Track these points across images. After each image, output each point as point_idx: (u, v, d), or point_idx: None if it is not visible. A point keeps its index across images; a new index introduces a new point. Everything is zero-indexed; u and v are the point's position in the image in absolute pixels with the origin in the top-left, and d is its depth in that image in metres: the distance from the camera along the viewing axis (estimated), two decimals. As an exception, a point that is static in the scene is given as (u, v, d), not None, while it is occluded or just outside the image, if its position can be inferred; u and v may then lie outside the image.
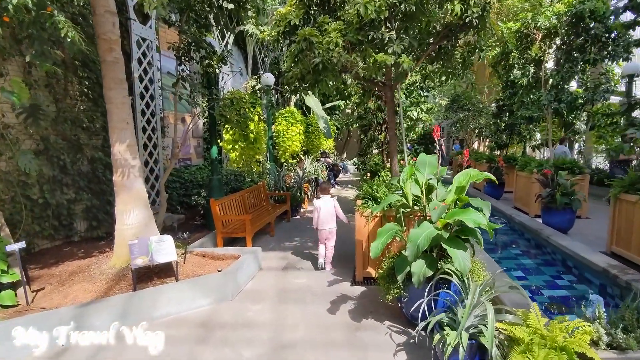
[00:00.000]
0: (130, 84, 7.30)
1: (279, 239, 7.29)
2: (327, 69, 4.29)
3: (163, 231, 7.23)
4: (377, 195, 4.89)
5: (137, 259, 4.09)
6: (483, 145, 21.68)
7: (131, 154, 4.56)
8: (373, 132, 8.72)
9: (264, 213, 7.70)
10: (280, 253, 6.41)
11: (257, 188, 8.45)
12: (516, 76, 11.23)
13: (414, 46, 4.51)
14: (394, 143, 5.42)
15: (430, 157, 4.08)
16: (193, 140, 10.17)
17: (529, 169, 8.61)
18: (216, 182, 7.40)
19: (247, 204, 7.63)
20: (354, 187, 14.50)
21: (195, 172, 9.77)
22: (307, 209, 10.19)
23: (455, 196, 3.55)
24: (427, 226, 3.21)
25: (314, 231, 8.09)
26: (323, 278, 5.20)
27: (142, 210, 4.68)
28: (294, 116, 11.09)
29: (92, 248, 5.94)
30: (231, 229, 6.46)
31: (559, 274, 5.63)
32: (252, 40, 12.34)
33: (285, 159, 11.29)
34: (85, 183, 6.45)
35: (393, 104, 5.36)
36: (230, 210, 6.86)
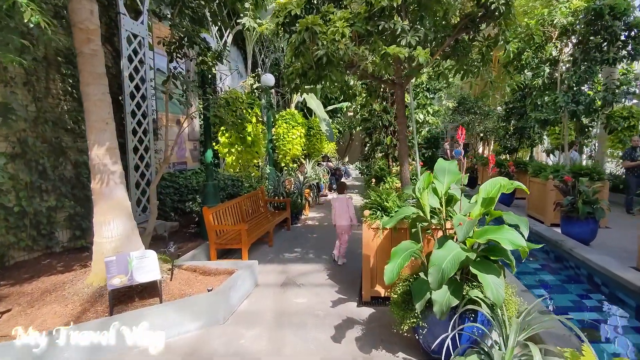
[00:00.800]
0: (120, 83, 6.85)
1: (278, 250, 6.77)
2: (332, 62, 3.79)
3: (153, 240, 6.73)
4: (387, 205, 4.37)
5: (114, 278, 3.57)
6: (488, 150, 21.18)
7: (111, 158, 4.06)
8: (378, 135, 8.22)
9: (262, 221, 7.19)
10: (279, 266, 5.89)
11: (255, 194, 7.94)
12: (527, 77, 10.75)
13: (429, 38, 4.01)
14: (404, 147, 4.91)
15: (449, 163, 3.57)
16: (189, 143, 9.67)
17: (544, 175, 8.09)
18: (211, 188, 6.89)
19: (244, 212, 7.12)
20: (357, 192, 13.99)
21: (190, 177, 9.27)
22: (307, 215, 9.68)
23: (482, 209, 3.04)
24: (452, 247, 2.69)
25: (315, 241, 7.60)
26: (326, 296, 4.67)
27: (123, 221, 4.17)
28: (295, 118, 10.61)
29: (74, 260, 5.43)
30: (226, 239, 5.94)
31: (586, 292, 5.10)
32: (252, 39, 11.88)
33: (286, 163, 10.79)
34: (68, 189, 5.94)
35: (403, 104, 4.86)
36: (225, 219, 6.35)
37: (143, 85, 7.22)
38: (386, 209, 4.38)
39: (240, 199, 7.14)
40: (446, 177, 3.42)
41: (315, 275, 5.48)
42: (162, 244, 6.62)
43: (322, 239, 7.46)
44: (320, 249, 6.79)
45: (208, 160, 6.96)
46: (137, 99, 7.03)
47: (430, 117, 10.34)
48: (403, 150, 4.92)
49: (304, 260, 6.19)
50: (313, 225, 8.68)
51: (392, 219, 3.42)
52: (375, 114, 8.24)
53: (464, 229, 2.75)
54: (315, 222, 9.06)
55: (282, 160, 10.69)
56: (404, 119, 4.90)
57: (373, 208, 4.47)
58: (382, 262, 4.44)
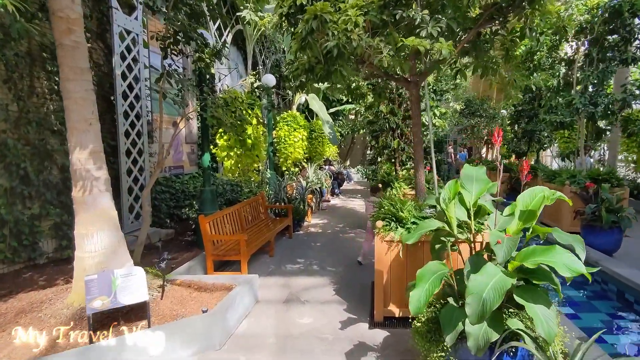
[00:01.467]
0: (112, 82, 6.43)
1: (279, 261, 6.33)
2: (343, 56, 3.37)
3: (146, 250, 6.28)
4: (403, 215, 3.94)
5: (95, 300, 3.13)
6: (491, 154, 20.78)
7: (95, 163, 3.63)
8: (385, 139, 7.81)
9: (263, 230, 6.74)
10: (281, 279, 5.44)
11: (256, 200, 7.50)
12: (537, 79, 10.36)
13: (452, 29, 3.59)
14: (420, 151, 4.49)
15: (477, 170, 3.15)
16: (186, 146, 9.24)
17: (559, 181, 7.67)
18: (208, 194, 6.46)
19: (243, 220, 6.68)
20: (360, 196, 13.56)
21: (187, 182, 8.83)
22: (310, 222, 9.23)
23: (520, 224, 2.61)
24: (492, 271, 2.25)
25: (319, 250, 7.14)
26: (333, 316, 4.23)
27: (109, 233, 3.73)
28: (297, 121, 10.19)
29: (58, 273, 4.98)
30: (224, 250, 5.50)
31: (617, 310, 4.66)
32: (252, 39, 11.48)
33: (287, 167, 10.36)
34: (53, 195, 5.51)
35: (418, 104, 4.44)
36: (223, 228, 5.91)
37: (137, 85, 6.80)
38: (401, 220, 3.95)
39: (239, 205, 6.70)
40: (475, 186, 2.99)
41: (320, 290, 5.03)
42: (156, 254, 6.18)
43: (326, 248, 7.02)
44: (324, 259, 6.35)
45: (205, 164, 6.53)
46: (130, 99, 6.61)
47: (437, 119, 9.93)
48: (418, 154, 4.49)
49: (307, 272, 5.75)
50: (316, 233, 8.24)
51: (413, 234, 2.98)
52: (382, 116, 7.83)
53: (504, 248, 2.32)
54: (318, 229, 8.62)
55: (283, 164, 10.26)
56: (419, 120, 4.48)
57: (387, 219, 4.03)
58: (397, 279, 4.01)
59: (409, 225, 3.94)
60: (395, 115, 7.79)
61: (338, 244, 7.29)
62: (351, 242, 7.40)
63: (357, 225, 8.86)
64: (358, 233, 8.15)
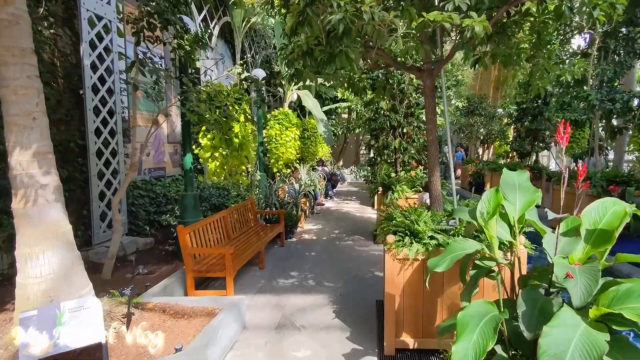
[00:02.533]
0: (80, 73, 5.69)
1: (270, 274, 5.65)
2: (350, 34, 2.71)
3: (119, 262, 5.59)
4: (419, 229, 3.30)
5: (32, 345, 2.42)
6: (488, 154, 20.34)
7: (40, 167, 2.91)
8: (385, 138, 7.18)
9: (252, 239, 6.06)
10: (272, 298, 4.77)
11: (244, 205, 6.81)
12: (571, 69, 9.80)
13: (484, 4, 2.95)
14: (435, 151, 3.85)
15: (519, 175, 2.52)
16: (169, 146, 8.50)
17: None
18: (190, 199, 5.75)
19: (229, 228, 5.98)
20: (355, 199, 12.93)
21: (170, 185, 8.10)
22: (303, 228, 8.56)
23: (589, 249, 1.98)
24: (571, 321, 1.61)
25: (315, 262, 6.48)
26: (335, 346, 3.57)
27: (59, 252, 3.02)
28: (289, 118, 9.51)
29: (9, 296, 4.24)
30: (206, 266, 4.80)
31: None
32: (241, 31, 10.76)
33: (278, 168, 9.68)
34: (7, 203, 4.75)
35: (433, 97, 3.81)
36: (206, 238, 5.21)
37: (110, 77, 6.06)
38: (417, 234, 3.31)
39: (225, 212, 6.00)
40: (519, 196, 2.37)
41: (318, 311, 4.37)
42: (131, 268, 5.47)
43: (323, 259, 6.36)
44: (321, 272, 5.68)
45: (187, 166, 5.83)
46: (102, 92, 5.87)
47: (437, 117, 9.32)
48: (433, 155, 3.86)
49: (302, 288, 5.08)
50: (310, 241, 7.57)
51: (443, 259, 2.33)
52: (383, 113, 7.20)
53: (581, 287, 1.68)
54: (312, 236, 7.95)
55: (274, 166, 9.58)
56: (433, 115, 3.85)
57: (399, 232, 3.39)
58: (412, 304, 3.37)
59: (426, 240, 3.30)
60: (397, 113, 7.16)
61: (336, 254, 6.63)
62: (350, 251, 6.75)
63: (354, 231, 8.22)
64: (356, 240, 7.50)
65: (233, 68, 5.77)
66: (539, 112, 10.50)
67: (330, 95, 16.55)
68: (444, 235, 3.32)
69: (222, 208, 7.39)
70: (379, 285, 5.03)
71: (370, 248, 6.93)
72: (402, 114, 7.26)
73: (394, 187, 6.94)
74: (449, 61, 3.80)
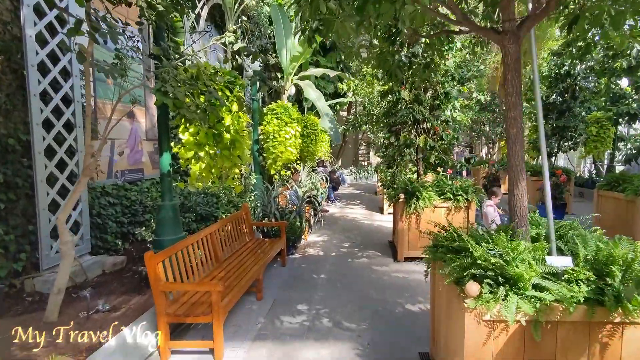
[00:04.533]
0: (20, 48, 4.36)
1: (271, 309, 4.39)
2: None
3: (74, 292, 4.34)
4: (519, 273, 2.07)
5: None
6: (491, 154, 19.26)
7: None
8: (408, 134, 5.94)
9: (247, 262, 4.79)
10: (275, 348, 3.51)
11: (237, 216, 5.54)
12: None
13: None
14: (520, 150, 2.63)
15: None
16: (147, 143, 7.17)
17: (631, 189, 5.94)
18: (168, 211, 4.48)
19: (218, 248, 4.71)
20: (360, 202, 11.71)
21: (148, 189, 6.80)
22: (307, 240, 7.30)
23: None
24: None
25: (326, 287, 5.18)
26: None
27: None
28: (289, 113, 8.23)
29: None
30: (186, 306, 3.51)
31: None
32: (233, 15, 9.45)
33: (276, 170, 8.40)
34: None
35: (519, 70, 2.59)
36: (187, 264, 3.93)
37: (64, 55, 4.74)
38: (515, 282, 2.08)
39: (214, 227, 4.73)
40: None
41: (342, 374, 3.12)
42: (82, 310, 4.17)
43: (335, 284, 5.11)
44: (336, 305, 4.44)
45: (165, 168, 4.56)
46: (53, 73, 4.55)
47: (457, 113, 8.12)
48: (518, 155, 2.63)
49: (315, 333, 3.82)
50: (317, 257, 6.31)
51: None
52: (404, 105, 5.97)
53: None
54: (318, 250, 6.70)
55: (271, 167, 8.30)
56: (519, 98, 2.62)
57: (487, 278, 2.16)
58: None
59: (529, 291, 2.08)
60: (421, 104, 5.94)
61: (350, 277, 5.39)
62: (368, 273, 5.52)
63: (367, 244, 6.98)
64: (372, 257, 6.27)
65: (224, 36, 4.46)
66: (567, 108, 9.37)
67: (330, 90, 15.31)
68: (558, 284, 2.10)
69: (210, 219, 6.11)
70: (417, 327, 3.82)
71: (392, 268, 5.69)
72: (428, 105, 6.04)
73: (420, 194, 5.72)
74: (543, 18, 2.57)
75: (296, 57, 9.07)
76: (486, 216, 5.18)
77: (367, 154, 22.05)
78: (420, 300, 4.51)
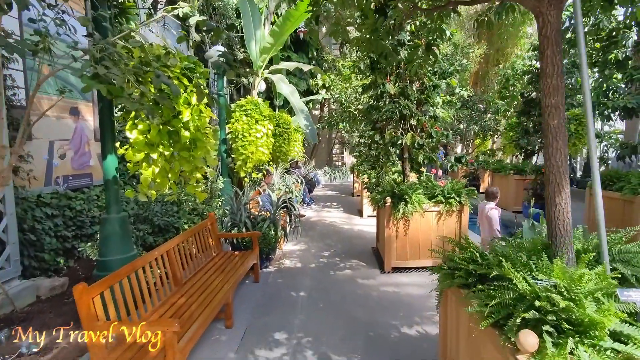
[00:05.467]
0: None
1: (243, 340, 3.66)
2: None
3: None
4: (589, 314, 1.47)
5: None
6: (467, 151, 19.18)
7: None
8: (394, 131, 5.35)
9: (214, 283, 4.05)
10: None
11: (202, 227, 4.77)
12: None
13: None
14: (564, 146, 2.06)
15: None
16: (96, 144, 6.23)
17: (631, 189, 5.59)
18: (114, 226, 3.69)
19: (177, 268, 3.94)
20: (337, 205, 11.09)
21: (98, 197, 5.91)
22: (282, 250, 6.59)
23: None
24: None
25: (307, 309, 4.48)
26: None
27: None
28: (259, 109, 7.50)
29: None
30: (130, 354, 2.74)
31: None
32: (194, 2, 8.59)
33: (246, 172, 7.65)
34: None
35: (560, 44, 2.01)
36: (135, 293, 3.15)
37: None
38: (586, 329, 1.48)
39: (171, 244, 3.95)
40: None
41: None
42: (11, 341, 3.37)
43: (317, 304, 4.44)
44: (321, 330, 3.77)
45: (110, 174, 3.77)
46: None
47: (440, 109, 7.63)
48: (560, 152, 2.06)
49: (298, 371, 3.14)
50: (294, 270, 5.62)
51: None
52: (391, 99, 5.38)
53: None
54: (295, 261, 6.01)
55: (240, 169, 7.53)
56: (561, 81, 2.04)
57: (538, 319, 1.55)
58: None
59: (607, 342, 1.49)
60: (408, 98, 5.37)
61: (334, 293, 4.74)
62: (353, 288, 4.88)
63: (349, 252, 6.36)
64: (356, 267, 5.64)
65: (177, 6, 3.66)
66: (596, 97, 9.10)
67: (302, 88, 14.61)
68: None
69: (170, 231, 5.30)
70: (417, 356, 3.20)
71: (379, 281, 5.09)
72: (415, 99, 5.48)
73: (408, 198, 5.14)
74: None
75: (266, 49, 8.32)
76: (490, 221, 4.65)
77: (341, 153, 21.49)
78: (417, 321, 3.91)
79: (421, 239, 5.38)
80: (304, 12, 7.68)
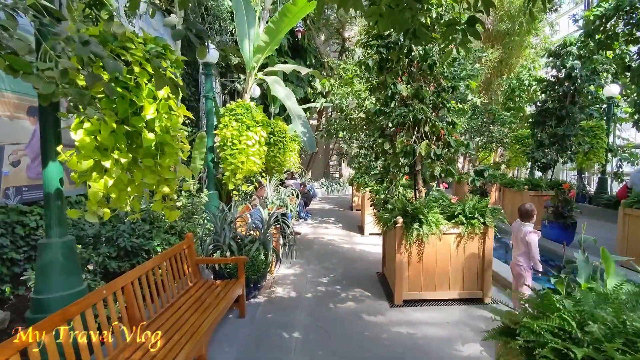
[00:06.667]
0: None
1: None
2: None
3: None
4: None
5: None
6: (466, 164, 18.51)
7: None
8: (406, 139, 4.57)
9: (188, 322, 3.20)
10: None
11: (175, 252, 3.93)
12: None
13: None
14: None
15: None
16: (63, 150, 5.40)
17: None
18: (57, 252, 2.87)
19: (136, 307, 3.09)
20: (335, 220, 10.24)
21: (60, 212, 5.01)
22: (274, 275, 5.73)
23: None
24: None
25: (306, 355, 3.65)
26: None
27: None
28: (251, 114, 6.71)
29: None
30: None
31: None
32: None
33: (236, 184, 6.82)
34: None
35: None
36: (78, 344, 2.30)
37: None
38: None
39: (137, 272, 3.10)
40: None
41: None
42: None
43: (316, 346, 3.58)
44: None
45: (50, 186, 2.94)
46: None
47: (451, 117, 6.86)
48: None
49: None
50: (288, 301, 4.77)
51: None
52: (402, 101, 4.62)
53: None
54: (289, 290, 5.16)
55: (229, 181, 6.71)
56: None
57: None
58: None
59: None
60: (423, 101, 4.62)
61: (335, 334, 3.88)
62: (359, 326, 4.03)
63: (351, 279, 5.52)
64: (360, 298, 4.80)
65: None
66: (566, 114, 8.42)
67: (299, 96, 13.89)
68: None
69: (139, 255, 4.44)
70: None
71: (390, 317, 4.23)
72: (430, 102, 4.72)
73: (424, 218, 4.34)
74: None
75: (261, 48, 7.57)
76: (529, 247, 3.84)
77: (338, 165, 20.73)
78: (442, 379, 3.07)
79: (437, 267, 4.56)
80: (303, 8, 6.97)
